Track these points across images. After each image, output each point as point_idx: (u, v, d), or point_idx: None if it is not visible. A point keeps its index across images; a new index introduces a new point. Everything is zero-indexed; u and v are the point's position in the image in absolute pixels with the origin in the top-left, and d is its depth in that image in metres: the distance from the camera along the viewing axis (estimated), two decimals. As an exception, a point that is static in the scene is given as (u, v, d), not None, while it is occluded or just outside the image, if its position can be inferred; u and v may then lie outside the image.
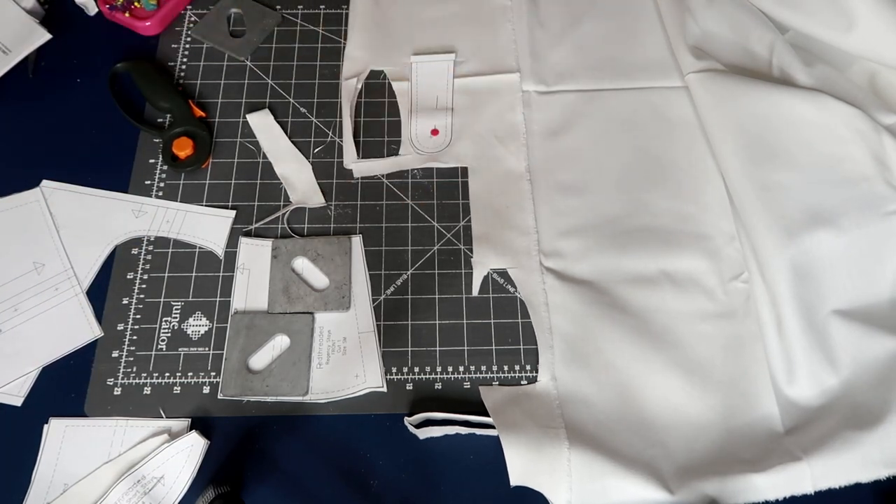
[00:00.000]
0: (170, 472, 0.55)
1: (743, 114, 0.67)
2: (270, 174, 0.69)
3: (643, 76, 0.74)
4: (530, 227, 0.66)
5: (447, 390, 0.60)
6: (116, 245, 0.65)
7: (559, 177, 0.69)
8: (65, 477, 0.55)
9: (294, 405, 0.59)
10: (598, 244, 0.65)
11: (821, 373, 0.58)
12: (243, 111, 0.72)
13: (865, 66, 0.70)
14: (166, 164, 0.68)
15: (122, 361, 0.60)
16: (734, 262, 0.64)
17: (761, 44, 0.72)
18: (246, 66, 0.75)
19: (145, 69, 0.72)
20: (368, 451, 0.57)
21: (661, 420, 0.58)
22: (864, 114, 0.65)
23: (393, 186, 0.69)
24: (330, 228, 0.66)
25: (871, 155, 0.64)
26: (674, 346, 0.61)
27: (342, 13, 0.78)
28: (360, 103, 0.73)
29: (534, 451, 0.54)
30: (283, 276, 0.63)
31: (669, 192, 0.68)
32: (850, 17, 0.65)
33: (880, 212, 0.62)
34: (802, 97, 0.66)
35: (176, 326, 0.62)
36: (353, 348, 0.61)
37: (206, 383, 0.60)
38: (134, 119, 0.70)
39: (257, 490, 0.56)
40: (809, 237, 0.60)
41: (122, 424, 0.57)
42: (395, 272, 0.64)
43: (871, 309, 0.60)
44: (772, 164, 0.64)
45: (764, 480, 0.54)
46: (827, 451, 0.54)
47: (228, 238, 0.65)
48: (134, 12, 0.75)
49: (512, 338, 0.62)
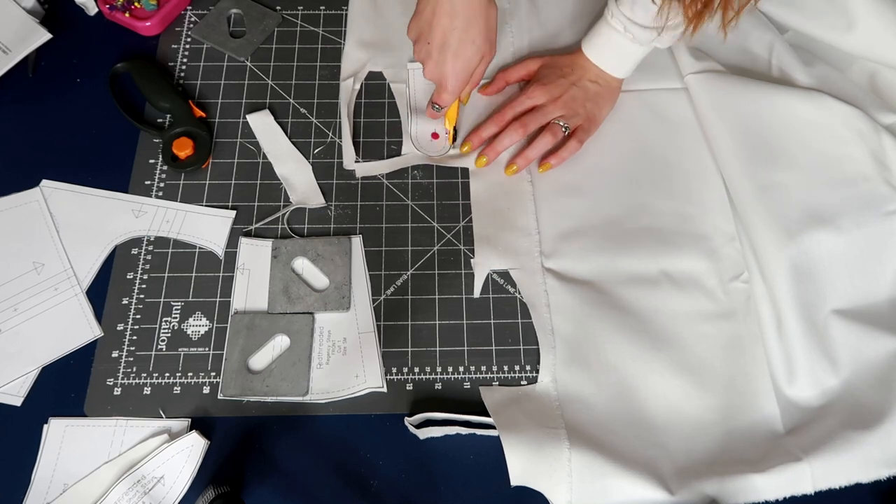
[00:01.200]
0: (170, 472, 0.55)
1: (742, 114, 0.67)
2: (270, 174, 0.69)
3: (643, 78, 0.74)
4: (531, 227, 0.66)
5: (447, 390, 0.60)
6: (116, 245, 0.65)
7: (560, 178, 0.69)
8: (65, 477, 0.55)
9: (294, 405, 0.59)
10: (598, 245, 0.65)
11: (821, 373, 0.58)
12: (243, 111, 0.72)
13: (865, 66, 0.70)
14: (166, 164, 0.68)
15: (122, 361, 0.60)
16: (734, 263, 0.64)
17: (761, 44, 0.72)
18: (246, 66, 0.75)
19: (145, 69, 0.72)
20: (368, 451, 0.57)
21: (661, 420, 0.58)
22: (864, 114, 0.65)
23: (393, 187, 0.69)
24: (330, 229, 0.66)
25: (870, 155, 0.64)
26: (674, 346, 0.61)
27: (342, 14, 0.78)
28: (361, 104, 0.73)
29: (534, 451, 0.54)
30: (283, 276, 0.63)
31: (670, 192, 0.68)
32: (850, 17, 0.65)
33: (880, 212, 0.62)
34: (802, 97, 0.66)
35: (176, 326, 0.62)
36: (353, 348, 0.61)
37: (206, 383, 0.59)
38: (134, 119, 0.70)
39: (257, 490, 0.56)
40: (809, 237, 0.61)
41: (122, 424, 0.57)
42: (395, 272, 0.64)
43: (871, 309, 0.60)
44: (772, 164, 0.64)
45: (764, 481, 0.54)
46: (827, 452, 0.54)
47: (228, 238, 0.65)
48: (134, 12, 0.75)
49: (512, 338, 0.62)
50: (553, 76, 0.70)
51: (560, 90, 0.69)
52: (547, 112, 0.69)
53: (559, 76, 0.70)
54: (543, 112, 0.69)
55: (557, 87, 0.69)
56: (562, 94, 0.69)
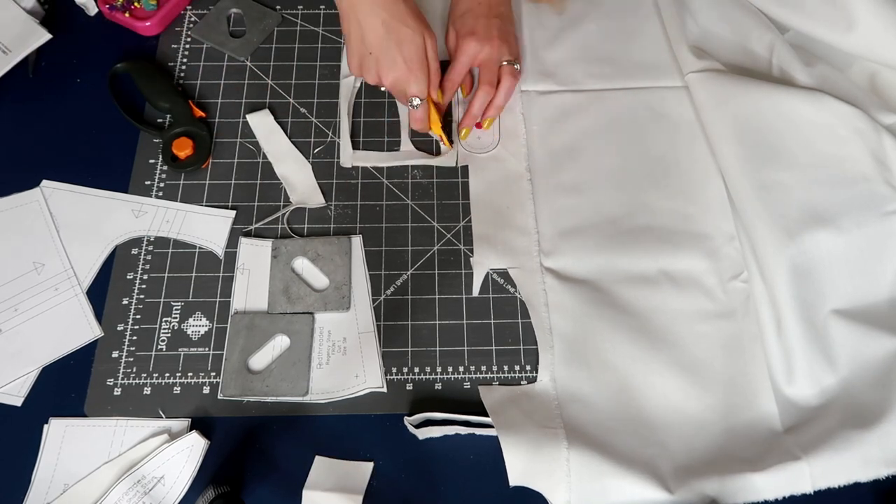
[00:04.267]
0: (170, 472, 0.55)
1: (743, 113, 0.67)
2: (270, 174, 0.69)
3: (643, 76, 0.74)
4: (530, 227, 0.66)
5: (447, 390, 0.60)
6: (116, 245, 0.65)
7: (559, 177, 0.69)
8: (65, 477, 0.55)
9: (294, 405, 0.59)
10: (598, 244, 0.65)
11: (820, 372, 0.58)
12: (243, 111, 0.72)
13: (865, 66, 0.70)
14: (166, 164, 0.68)
15: (122, 361, 0.60)
16: (734, 262, 0.64)
17: (761, 44, 0.72)
18: (246, 66, 0.75)
19: (145, 69, 0.72)
20: (368, 451, 0.57)
21: (660, 420, 0.58)
22: (864, 114, 0.65)
23: (393, 187, 0.69)
24: (330, 228, 0.66)
25: (870, 155, 0.64)
26: (673, 345, 0.61)
27: (342, 13, 0.78)
28: (360, 103, 0.73)
29: (533, 451, 0.54)
30: (283, 276, 0.63)
31: (669, 191, 0.68)
32: (850, 17, 0.65)
33: (880, 212, 0.62)
34: (802, 97, 0.66)
35: (176, 326, 0.62)
36: (353, 348, 0.61)
37: (206, 383, 0.60)
38: (134, 119, 0.70)
39: (257, 490, 0.56)
40: (809, 237, 0.61)
41: (122, 424, 0.57)
42: (395, 272, 0.64)
43: (870, 309, 0.60)
44: (772, 163, 0.64)
45: (763, 480, 0.54)
46: (826, 451, 0.54)
47: (228, 238, 0.65)
48: (134, 12, 0.75)
49: (512, 338, 0.62)
50: (470, 20, 0.70)
51: (490, 30, 0.69)
52: (492, 59, 0.70)
53: (475, 17, 0.70)
54: (489, 61, 0.70)
55: (485, 30, 0.69)
56: (496, 34, 0.69)
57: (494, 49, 0.69)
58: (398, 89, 0.67)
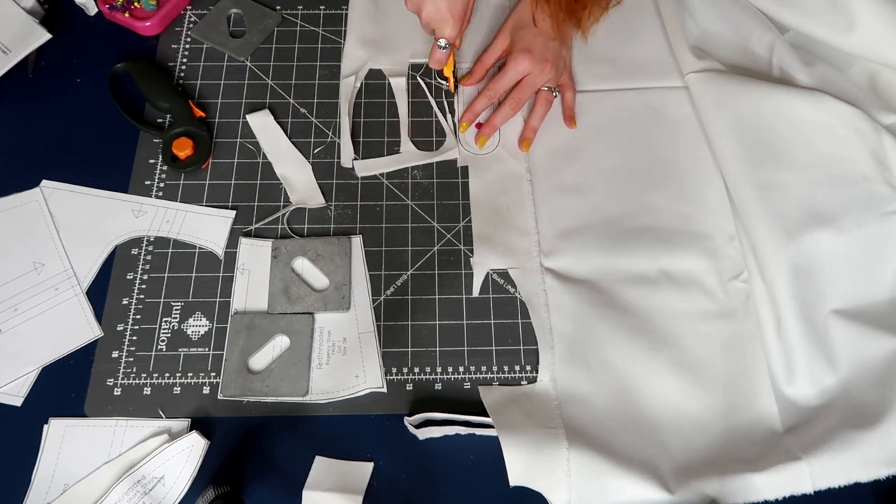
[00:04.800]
0: (170, 473, 0.55)
1: (743, 113, 0.67)
2: (270, 174, 0.69)
3: (643, 76, 0.74)
4: (531, 227, 0.66)
5: (447, 390, 0.60)
6: (116, 245, 0.65)
7: (560, 177, 0.69)
8: (65, 477, 0.55)
9: (294, 405, 0.59)
10: (598, 244, 0.65)
11: (820, 372, 0.58)
12: (243, 111, 0.72)
13: (865, 66, 0.70)
14: (166, 165, 0.68)
15: (122, 362, 0.60)
16: (734, 262, 0.64)
17: (761, 44, 0.72)
18: (246, 66, 0.75)
19: (145, 69, 0.72)
20: (368, 451, 0.57)
21: (660, 420, 0.58)
22: (864, 114, 0.65)
23: (393, 187, 0.69)
24: (330, 229, 0.66)
25: (870, 155, 0.64)
26: (673, 345, 0.61)
27: (342, 13, 0.78)
28: (360, 104, 0.73)
29: (533, 451, 0.54)
30: (283, 276, 0.63)
31: (670, 192, 0.68)
32: (850, 17, 0.65)
33: (880, 212, 0.62)
34: (802, 97, 0.66)
35: (176, 327, 0.62)
36: (353, 349, 0.61)
37: (206, 383, 0.60)
38: (134, 119, 0.70)
39: (257, 490, 0.56)
40: (809, 237, 0.61)
41: (122, 424, 0.57)
42: (395, 272, 0.64)
43: (870, 309, 0.60)
44: (772, 163, 0.64)
45: (763, 480, 0.54)
46: (826, 451, 0.54)
47: (228, 238, 0.65)
48: (134, 12, 0.75)
49: (512, 338, 0.62)
50: (529, 36, 0.70)
51: (545, 53, 0.69)
52: (536, 82, 0.69)
53: (535, 34, 0.70)
54: (532, 83, 0.69)
55: (541, 51, 0.69)
56: (549, 57, 0.69)
57: (544, 73, 0.69)
58: (431, 27, 0.67)
